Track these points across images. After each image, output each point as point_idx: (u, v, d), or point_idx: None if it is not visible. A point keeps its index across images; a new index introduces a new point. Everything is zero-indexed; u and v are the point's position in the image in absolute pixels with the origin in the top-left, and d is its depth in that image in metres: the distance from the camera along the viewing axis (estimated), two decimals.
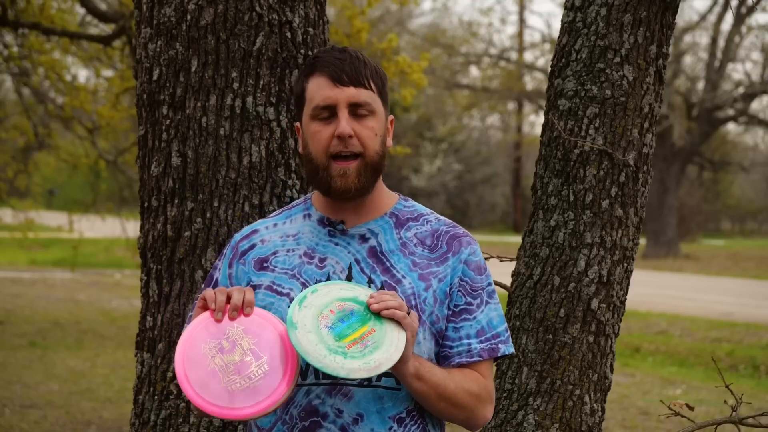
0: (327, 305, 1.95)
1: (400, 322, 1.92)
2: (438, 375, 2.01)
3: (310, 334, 1.90)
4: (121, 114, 11.06)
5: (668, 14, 2.85)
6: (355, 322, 1.93)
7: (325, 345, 1.90)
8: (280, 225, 2.18)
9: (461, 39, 30.07)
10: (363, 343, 1.91)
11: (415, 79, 9.57)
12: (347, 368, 1.88)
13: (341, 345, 1.90)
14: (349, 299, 1.96)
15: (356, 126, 2.05)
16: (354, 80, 2.05)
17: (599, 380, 2.88)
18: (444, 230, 2.14)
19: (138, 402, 2.96)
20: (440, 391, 2.01)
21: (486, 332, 2.09)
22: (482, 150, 38.50)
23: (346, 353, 1.89)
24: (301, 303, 1.94)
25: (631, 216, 2.87)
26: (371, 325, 1.93)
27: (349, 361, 1.88)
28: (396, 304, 1.92)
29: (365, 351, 1.90)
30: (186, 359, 1.92)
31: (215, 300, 1.96)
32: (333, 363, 1.88)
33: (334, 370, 1.87)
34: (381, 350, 1.91)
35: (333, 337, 1.91)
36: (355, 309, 1.95)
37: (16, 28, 9.46)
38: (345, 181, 2.05)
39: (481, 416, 2.09)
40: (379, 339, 1.92)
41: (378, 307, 1.92)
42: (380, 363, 1.89)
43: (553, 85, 2.91)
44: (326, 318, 1.93)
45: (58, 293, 15.70)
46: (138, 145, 3.00)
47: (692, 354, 10.57)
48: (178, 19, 2.84)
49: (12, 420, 7.25)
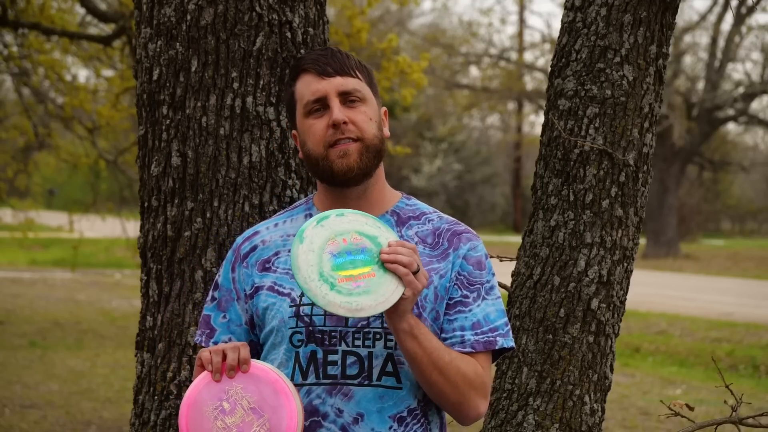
0: (343, 233, 1.91)
1: (401, 278, 1.89)
2: (434, 342, 1.98)
3: (312, 253, 1.88)
4: (121, 114, 11.06)
5: (668, 14, 2.85)
6: (361, 259, 1.90)
7: (318, 269, 1.87)
8: (281, 224, 2.18)
9: (461, 39, 30.08)
10: (356, 282, 1.88)
11: (415, 79, 9.57)
12: (327, 299, 1.85)
13: (334, 276, 1.87)
14: (367, 236, 1.92)
15: (349, 112, 2.06)
16: (339, 70, 2.08)
17: (599, 380, 2.88)
18: (445, 228, 2.14)
19: (138, 402, 2.96)
20: (434, 358, 1.97)
21: (482, 326, 2.07)
22: (482, 150, 38.51)
23: (335, 285, 1.86)
24: (320, 221, 1.91)
25: (631, 216, 2.87)
26: (374, 269, 1.89)
27: (332, 294, 1.86)
28: (406, 260, 1.89)
29: (353, 290, 1.87)
30: (190, 423, 1.92)
31: (211, 362, 1.95)
32: (317, 289, 1.85)
33: (314, 296, 1.85)
34: (369, 296, 1.87)
35: (331, 266, 1.88)
36: (368, 247, 1.91)
37: (16, 28, 9.46)
38: (347, 161, 2.04)
39: (473, 407, 2.05)
40: (374, 285, 1.88)
41: (387, 257, 1.89)
42: (362, 308, 1.86)
43: (553, 85, 2.91)
44: (336, 244, 1.90)
45: (58, 293, 15.70)
46: (138, 145, 3.00)
47: (692, 354, 10.57)
48: (178, 19, 2.84)
49: (12, 420, 7.25)
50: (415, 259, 1.91)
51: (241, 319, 2.14)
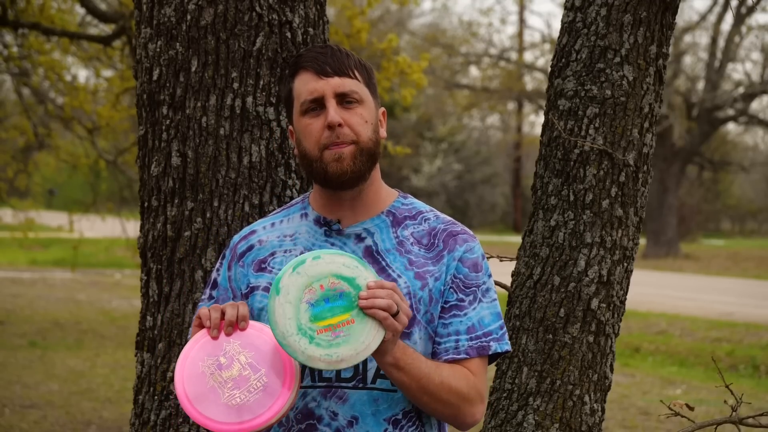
0: (320, 278, 1.87)
1: (381, 322, 1.86)
2: (422, 368, 1.97)
3: (289, 305, 1.85)
4: (121, 114, 11.06)
5: (668, 14, 2.85)
6: (339, 306, 1.86)
7: (296, 322, 1.84)
8: (277, 224, 2.17)
9: (461, 39, 30.07)
10: (335, 332, 1.84)
11: (415, 79, 9.57)
12: (307, 354, 1.83)
13: (313, 327, 1.84)
14: (345, 279, 1.88)
15: (345, 114, 2.05)
16: (338, 70, 2.06)
17: (599, 380, 2.88)
18: (441, 228, 2.12)
19: (138, 402, 2.96)
20: (422, 384, 1.97)
21: (476, 330, 2.06)
22: (482, 150, 38.51)
23: (313, 338, 1.84)
24: (296, 268, 1.87)
25: (631, 216, 2.87)
26: (353, 315, 1.86)
27: (312, 348, 1.83)
28: (385, 303, 1.85)
29: (333, 341, 1.84)
30: (185, 379, 1.92)
31: (210, 318, 1.95)
32: (296, 344, 1.83)
33: (293, 352, 1.83)
34: (349, 345, 1.84)
35: (309, 317, 1.85)
36: (346, 291, 1.87)
37: (16, 28, 9.46)
38: (340, 165, 2.03)
39: (469, 416, 2.05)
40: (354, 333, 1.85)
41: (364, 303, 1.85)
42: (342, 359, 1.84)
43: (553, 85, 2.91)
44: (313, 292, 1.86)
45: (58, 293, 15.71)
46: (138, 145, 3.00)
47: (692, 354, 10.57)
48: (178, 19, 2.84)
49: (12, 420, 7.25)
50: (394, 300, 1.87)
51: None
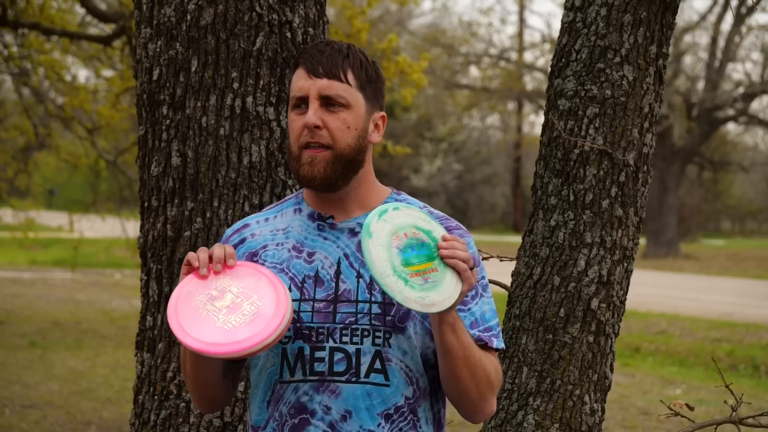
0: (403, 227, 1.94)
1: (461, 274, 1.92)
2: (468, 337, 2.01)
3: (382, 248, 1.91)
4: (121, 114, 11.06)
5: (668, 14, 2.85)
6: (423, 254, 1.93)
7: (391, 264, 1.90)
8: (271, 219, 2.17)
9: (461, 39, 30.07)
10: (425, 277, 1.91)
11: (415, 79, 9.57)
12: (404, 295, 1.88)
13: (405, 270, 1.90)
14: (424, 230, 1.96)
15: (326, 117, 2.04)
16: (328, 72, 2.04)
17: (599, 380, 2.88)
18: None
19: (138, 402, 2.96)
20: (467, 353, 2.00)
21: (479, 324, 2.07)
22: (482, 150, 38.51)
23: (408, 280, 1.89)
24: (381, 215, 1.94)
25: (631, 216, 2.87)
26: (435, 264, 1.93)
27: (408, 289, 1.89)
28: (464, 255, 1.92)
29: (425, 285, 1.90)
30: (179, 313, 1.93)
31: (198, 258, 1.98)
32: (393, 284, 1.88)
33: (392, 291, 1.88)
34: (438, 291, 1.91)
35: (400, 261, 1.91)
36: (426, 242, 1.95)
37: (16, 28, 9.46)
38: (311, 169, 2.04)
39: (489, 404, 2.07)
40: (439, 280, 1.92)
41: (446, 253, 1.92)
42: (434, 302, 1.89)
43: (553, 85, 2.91)
44: (399, 239, 1.93)
45: (58, 293, 15.70)
46: (138, 145, 3.00)
47: (692, 354, 10.57)
48: (178, 19, 2.84)
49: (12, 420, 7.25)
50: (469, 254, 1.94)
51: None
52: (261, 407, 2.08)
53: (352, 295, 2.04)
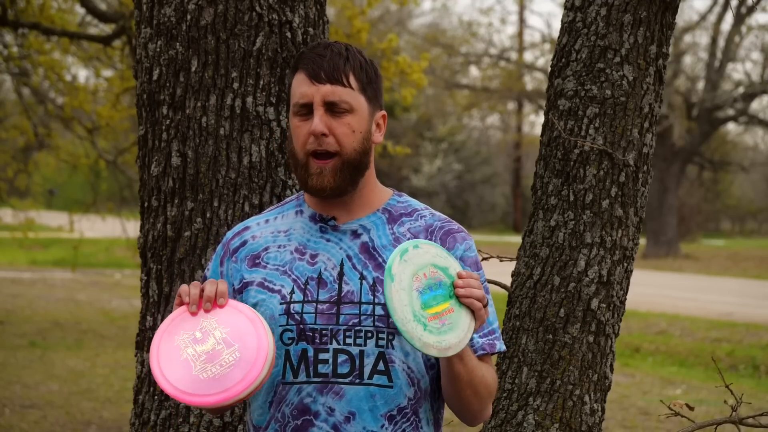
0: (423, 267, 1.95)
1: (475, 312, 1.93)
2: (474, 361, 2.02)
3: (403, 292, 1.91)
4: (121, 114, 11.06)
5: (668, 14, 2.85)
6: (441, 294, 1.94)
7: (411, 308, 1.91)
8: (272, 221, 2.17)
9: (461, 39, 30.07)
10: (442, 320, 1.92)
11: (415, 79, 9.58)
12: (423, 341, 1.89)
13: (424, 315, 1.91)
14: (441, 268, 1.96)
15: (332, 123, 2.04)
16: (331, 77, 2.04)
17: (599, 380, 2.88)
18: (438, 226, 2.13)
19: (138, 402, 2.96)
20: (472, 376, 2.02)
21: (485, 328, 2.09)
22: (482, 150, 38.52)
23: (426, 325, 1.90)
24: (403, 255, 1.94)
25: (631, 216, 2.87)
26: (452, 304, 1.94)
27: (426, 334, 1.89)
28: (480, 294, 1.93)
29: (442, 329, 1.91)
30: (160, 352, 1.94)
31: (189, 294, 1.98)
32: (413, 331, 1.89)
33: (411, 338, 1.89)
34: (454, 333, 1.92)
35: (420, 304, 1.92)
36: (443, 281, 1.95)
37: (16, 28, 9.46)
38: (321, 179, 2.04)
39: (486, 412, 2.10)
40: (455, 321, 1.93)
41: (463, 292, 1.93)
42: (450, 346, 1.90)
43: (553, 85, 2.91)
44: (419, 281, 1.94)
45: (58, 293, 15.70)
46: (138, 145, 3.00)
47: (692, 354, 10.57)
48: (178, 19, 2.84)
49: (12, 420, 7.25)
50: (483, 293, 1.95)
51: None
52: (263, 408, 2.08)
53: (356, 297, 2.04)
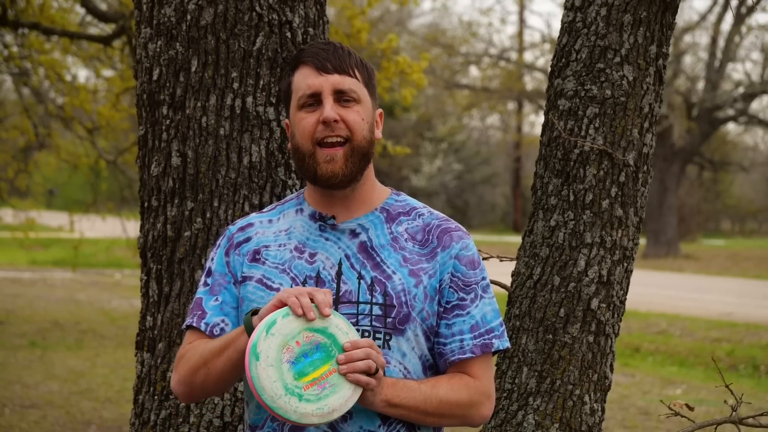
0: (294, 335, 1.88)
1: (364, 386, 1.89)
2: (417, 397, 2.00)
3: (271, 368, 1.86)
4: (121, 114, 11.06)
5: (668, 14, 2.85)
6: (319, 358, 1.88)
7: (282, 383, 1.85)
8: (275, 221, 2.17)
9: (461, 39, 30.06)
10: (321, 384, 1.87)
11: (415, 79, 9.57)
12: (299, 412, 1.85)
13: (299, 385, 1.86)
14: (317, 330, 1.89)
15: (342, 111, 2.05)
16: (338, 68, 2.06)
17: (599, 380, 2.88)
18: (435, 224, 2.13)
19: (138, 402, 2.96)
20: (422, 410, 2.01)
21: (480, 327, 2.08)
22: (482, 150, 38.51)
23: (302, 395, 1.85)
24: (269, 329, 1.87)
25: (631, 216, 2.87)
26: (332, 364, 1.88)
27: (302, 405, 1.85)
28: (364, 366, 1.88)
29: (321, 394, 1.86)
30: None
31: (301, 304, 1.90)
32: (286, 405, 1.84)
33: (285, 413, 1.85)
34: (337, 395, 1.87)
35: (293, 375, 1.86)
36: (321, 343, 1.89)
37: (16, 28, 9.46)
38: (332, 166, 2.04)
39: (477, 417, 2.09)
40: (339, 381, 1.88)
41: (345, 370, 1.88)
42: (333, 409, 1.86)
43: (553, 85, 2.91)
44: (291, 351, 1.87)
45: (58, 293, 15.71)
46: (138, 145, 3.00)
47: (692, 354, 10.57)
48: (178, 19, 2.84)
49: (12, 420, 7.25)
50: (372, 358, 1.90)
51: (236, 302, 2.13)
52: (259, 407, 2.08)
53: (354, 296, 2.04)
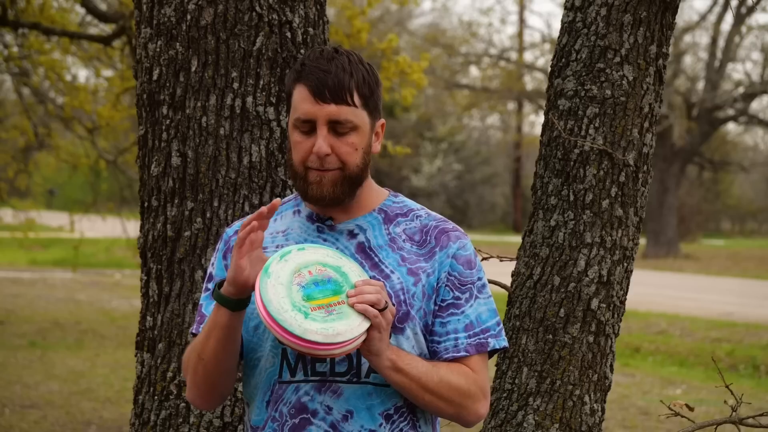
0: (307, 265, 1.94)
1: (371, 319, 1.91)
2: (420, 368, 2.00)
3: (280, 286, 1.90)
4: (121, 114, 11.06)
5: (668, 14, 2.85)
6: (329, 289, 1.92)
7: (290, 300, 1.89)
8: (270, 223, 2.18)
9: (461, 39, 30.08)
10: (328, 310, 1.90)
11: (415, 79, 9.57)
12: (304, 327, 1.87)
13: (306, 305, 1.89)
14: (331, 266, 1.95)
15: (335, 143, 2.03)
16: (336, 96, 2.02)
17: (599, 380, 2.88)
18: (433, 225, 2.13)
19: (138, 402, 2.96)
20: (423, 383, 2.00)
21: (474, 327, 2.08)
22: (482, 150, 38.52)
23: (308, 314, 1.88)
24: (283, 256, 1.94)
25: (631, 216, 2.87)
26: (342, 297, 1.91)
27: (308, 322, 1.87)
28: (373, 298, 1.91)
29: (328, 317, 1.89)
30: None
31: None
32: (292, 319, 1.87)
33: (289, 326, 1.87)
34: (344, 321, 1.89)
35: (302, 296, 1.90)
36: (333, 277, 1.93)
37: (16, 28, 9.46)
38: (320, 188, 2.04)
39: (473, 412, 2.07)
40: (346, 312, 1.90)
41: (353, 300, 1.91)
42: (339, 332, 1.88)
43: (553, 85, 2.91)
44: (302, 276, 1.92)
45: (58, 293, 15.70)
46: (138, 145, 3.00)
47: (692, 354, 10.57)
48: (178, 19, 2.84)
49: (12, 420, 7.25)
50: (382, 296, 1.92)
51: None
52: (260, 407, 2.08)
53: None
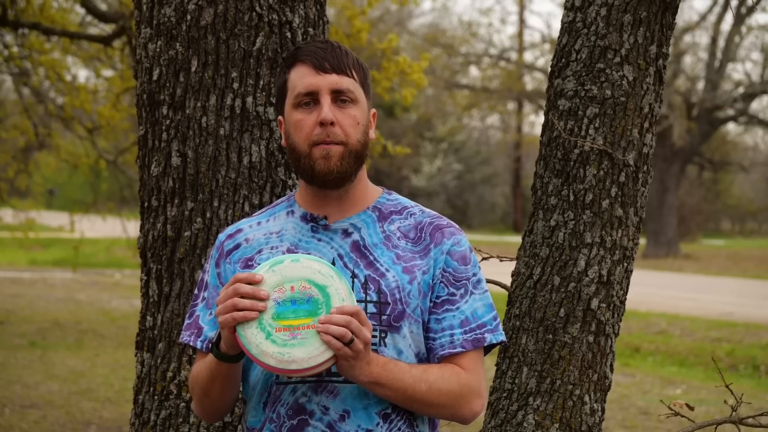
0: (293, 280, 1.92)
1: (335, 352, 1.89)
2: (405, 379, 1.99)
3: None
4: (121, 114, 11.06)
5: (668, 14, 2.85)
6: (304, 309, 1.90)
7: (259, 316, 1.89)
8: (263, 223, 2.18)
9: (461, 39, 30.09)
10: (294, 333, 1.89)
11: (415, 79, 9.57)
12: (260, 349, 1.87)
13: (272, 324, 1.89)
14: (316, 285, 1.92)
15: (338, 114, 2.05)
16: (336, 68, 2.06)
17: (599, 380, 2.88)
18: (427, 222, 2.13)
19: (138, 402, 2.96)
20: (409, 395, 2.00)
21: (470, 322, 2.08)
22: (482, 150, 38.53)
23: (270, 334, 1.88)
24: (273, 266, 1.93)
25: (631, 216, 2.87)
26: (314, 321, 1.90)
27: (266, 343, 1.88)
28: (339, 332, 1.87)
29: (288, 342, 1.88)
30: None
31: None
32: (252, 337, 1.88)
33: (247, 344, 1.88)
34: (303, 348, 1.88)
35: (272, 314, 1.90)
36: (315, 297, 1.91)
37: (16, 28, 9.46)
38: (327, 163, 2.04)
39: (467, 412, 2.06)
40: (311, 338, 1.88)
41: (321, 329, 1.88)
42: (295, 360, 1.87)
43: (553, 85, 2.91)
44: (282, 292, 1.91)
45: (58, 293, 15.71)
46: (138, 145, 3.00)
47: (692, 354, 10.57)
48: (178, 19, 2.84)
49: (12, 420, 7.25)
50: (352, 328, 1.89)
51: None
52: (257, 409, 2.08)
53: None
